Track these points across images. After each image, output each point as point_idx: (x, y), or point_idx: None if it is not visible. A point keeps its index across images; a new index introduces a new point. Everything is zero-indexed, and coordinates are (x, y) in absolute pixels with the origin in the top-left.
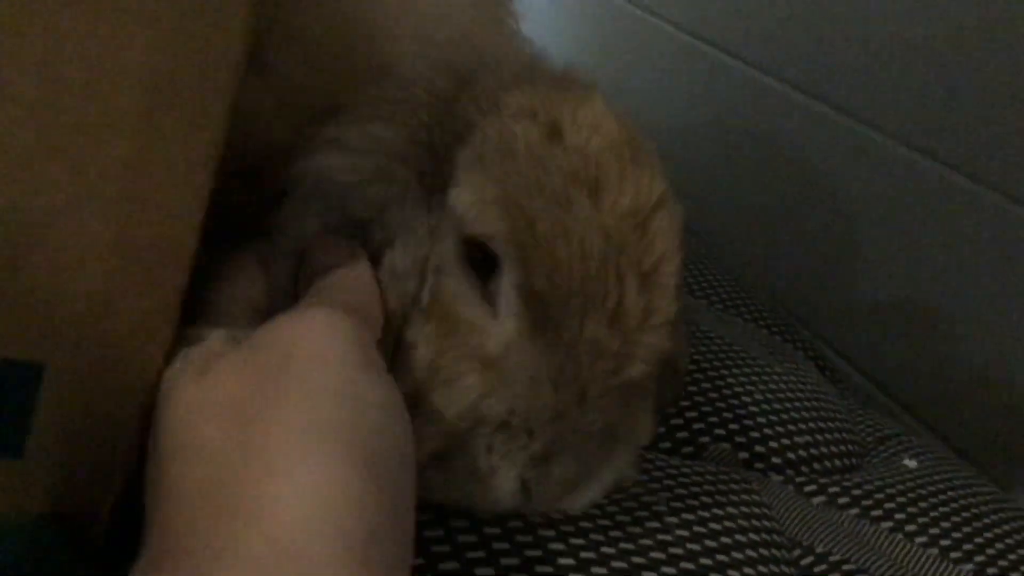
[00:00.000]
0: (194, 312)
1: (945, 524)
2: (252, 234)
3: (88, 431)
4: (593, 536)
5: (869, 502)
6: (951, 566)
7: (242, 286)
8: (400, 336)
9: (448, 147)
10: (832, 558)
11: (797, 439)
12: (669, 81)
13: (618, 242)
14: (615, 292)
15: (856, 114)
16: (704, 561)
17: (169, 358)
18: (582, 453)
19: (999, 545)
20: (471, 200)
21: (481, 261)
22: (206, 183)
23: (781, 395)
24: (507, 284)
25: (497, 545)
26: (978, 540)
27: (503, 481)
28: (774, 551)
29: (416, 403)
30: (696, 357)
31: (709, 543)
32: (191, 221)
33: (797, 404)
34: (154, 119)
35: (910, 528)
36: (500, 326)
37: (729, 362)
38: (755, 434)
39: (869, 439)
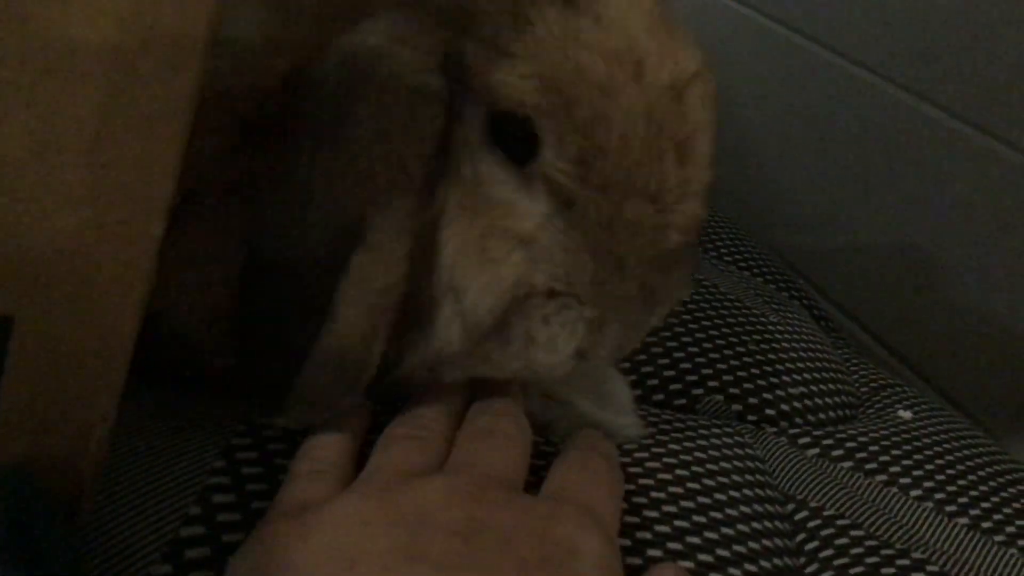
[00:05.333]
0: None
1: (940, 477)
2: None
3: (62, 386)
4: None
5: (863, 454)
6: (946, 519)
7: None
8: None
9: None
10: (826, 512)
11: (791, 390)
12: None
13: (659, 119)
14: (656, 173)
15: (854, 57)
16: (698, 519)
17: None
18: (628, 318)
19: (994, 499)
20: (507, 77)
21: (516, 142)
22: (184, 128)
23: (776, 345)
24: (542, 165)
25: None
26: (973, 493)
27: (562, 349)
28: (767, 506)
29: (455, 285)
30: (691, 307)
31: (702, 499)
32: (168, 169)
33: (792, 355)
34: (128, 60)
35: (904, 481)
36: (534, 208)
37: (724, 312)
38: (748, 385)
39: (864, 389)
